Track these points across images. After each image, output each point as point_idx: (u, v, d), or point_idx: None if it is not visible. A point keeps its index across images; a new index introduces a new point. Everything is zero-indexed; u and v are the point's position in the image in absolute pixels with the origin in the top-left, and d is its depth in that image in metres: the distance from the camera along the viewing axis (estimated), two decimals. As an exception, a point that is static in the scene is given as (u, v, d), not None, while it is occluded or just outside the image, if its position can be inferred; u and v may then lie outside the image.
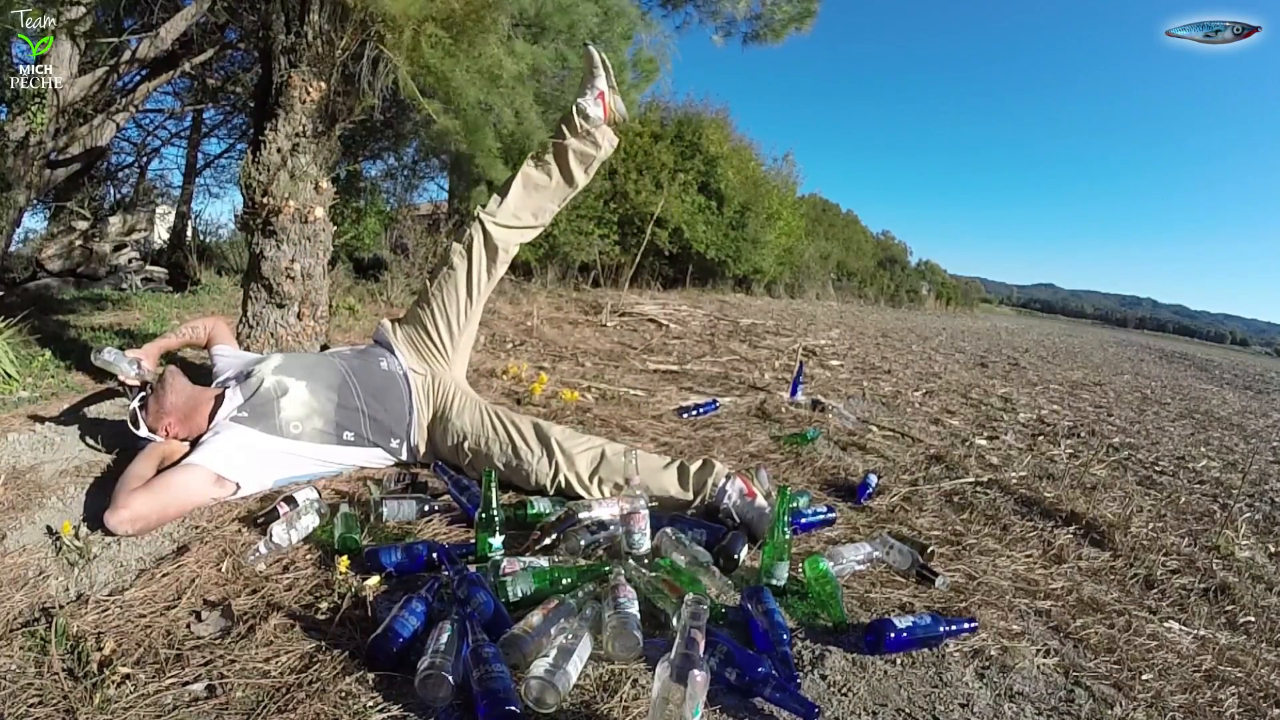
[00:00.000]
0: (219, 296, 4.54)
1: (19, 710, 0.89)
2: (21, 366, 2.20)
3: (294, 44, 2.12)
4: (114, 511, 1.32)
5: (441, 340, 1.89)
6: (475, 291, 1.90)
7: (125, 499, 1.34)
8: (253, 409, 1.61)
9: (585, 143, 1.91)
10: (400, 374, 1.83)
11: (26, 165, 2.99)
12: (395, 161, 6.69)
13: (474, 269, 1.88)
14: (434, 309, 1.89)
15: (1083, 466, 2.76)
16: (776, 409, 2.90)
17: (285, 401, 1.63)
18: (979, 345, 8.52)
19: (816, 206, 14.70)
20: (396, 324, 1.95)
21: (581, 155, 1.92)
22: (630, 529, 1.39)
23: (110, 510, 1.32)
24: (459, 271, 1.88)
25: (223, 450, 1.52)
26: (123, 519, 1.31)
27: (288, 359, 1.76)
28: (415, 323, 1.91)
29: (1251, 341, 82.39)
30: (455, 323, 1.90)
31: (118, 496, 1.36)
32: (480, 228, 1.87)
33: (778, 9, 3.47)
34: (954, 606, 1.39)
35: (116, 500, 1.35)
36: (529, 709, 0.94)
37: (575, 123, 1.90)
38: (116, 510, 1.32)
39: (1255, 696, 1.25)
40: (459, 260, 1.88)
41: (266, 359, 1.75)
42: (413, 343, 1.90)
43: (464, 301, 1.89)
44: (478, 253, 1.88)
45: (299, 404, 1.64)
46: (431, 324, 1.88)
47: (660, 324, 5.22)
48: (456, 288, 1.88)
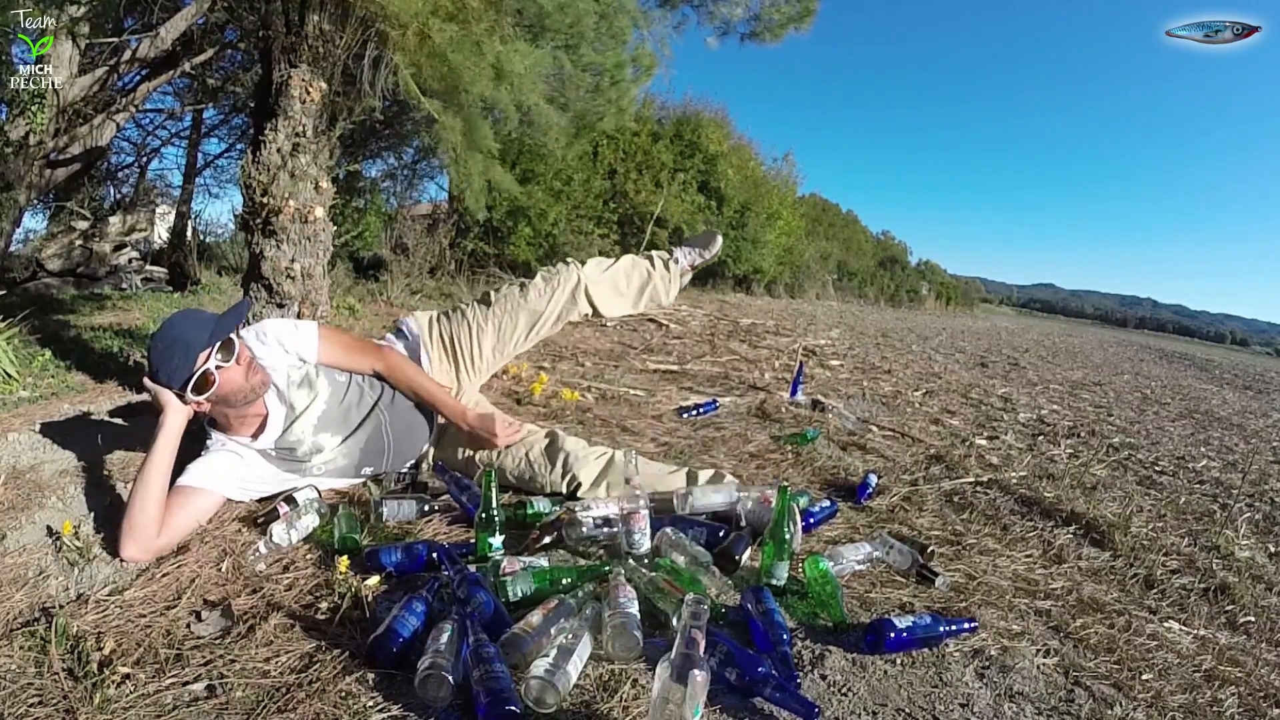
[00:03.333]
0: (219, 296, 4.54)
1: (19, 710, 0.89)
2: (21, 366, 2.21)
3: (294, 44, 2.12)
4: (129, 547, 1.26)
5: (480, 358, 1.87)
6: (535, 331, 1.90)
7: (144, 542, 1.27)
8: (280, 453, 1.53)
9: (666, 284, 2.04)
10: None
11: (26, 165, 2.99)
12: (395, 161, 6.69)
13: (548, 310, 1.87)
14: (488, 327, 1.85)
15: (1083, 466, 2.76)
16: (776, 409, 2.90)
17: (317, 458, 1.58)
18: (979, 345, 8.52)
19: (816, 206, 14.70)
20: (434, 322, 1.89)
21: (653, 294, 2.03)
22: (630, 529, 1.39)
23: (128, 544, 1.26)
24: (532, 304, 1.86)
25: (241, 478, 1.48)
26: (135, 556, 1.26)
27: (329, 409, 1.59)
28: (459, 331, 1.86)
29: (1251, 341, 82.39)
30: (501, 349, 1.89)
31: (135, 532, 1.27)
32: (576, 275, 1.89)
33: (776, 9, 3.47)
34: (954, 606, 1.39)
35: (135, 536, 1.27)
36: (529, 709, 0.94)
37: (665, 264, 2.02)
38: (132, 547, 1.26)
39: (1255, 696, 1.25)
40: (537, 294, 1.86)
41: (310, 406, 1.57)
42: (447, 349, 1.86)
43: (521, 334, 1.89)
44: (561, 297, 1.87)
45: (329, 454, 1.60)
46: (476, 340, 1.85)
47: (660, 324, 5.22)
48: (521, 317, 1.87)
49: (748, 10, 3.43)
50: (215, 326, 1.39)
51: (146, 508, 1.27)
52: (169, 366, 1.35)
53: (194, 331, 1.37)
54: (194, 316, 1.42)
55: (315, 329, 1.62)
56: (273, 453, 1.53)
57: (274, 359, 1.55)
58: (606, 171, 7.67)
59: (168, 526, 1.30)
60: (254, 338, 1.54)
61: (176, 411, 1.37)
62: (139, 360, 2.54)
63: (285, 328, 1.59)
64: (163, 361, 1.36)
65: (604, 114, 3.45)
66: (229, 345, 1.39)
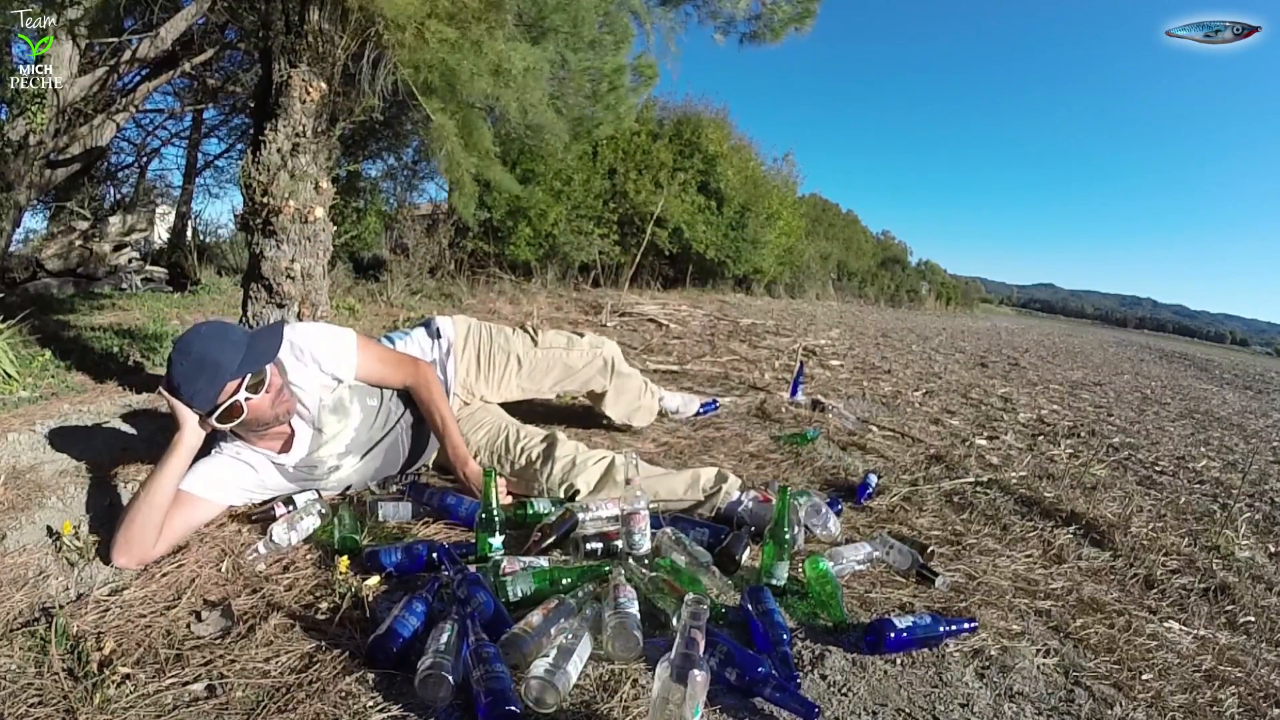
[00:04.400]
0: (219, 296, 4.54)
1: (19, 710, 0.89)
2: (21, 366, 2.21)
3: (294, 44, 2.12)
4: (122, 557, 1.24)
5: (505, 384, 1.92)
6: (559, 384, 2.05)
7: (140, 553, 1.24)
8: (298, 470, 1.51)
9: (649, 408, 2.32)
10: None
11: (26, 165, 2.99)
12: (395, 161, 6.70)
13: (583, 371, 2.05)
14: (525, 363, 1.93)
15: (1083, 466, 2.76)
16: (776, 409, 2.90)
17: (334, 475, 1.57)
18: (979, 345, 8.52)
19: (816, 206, 14.69)
20: (471, 332, 1.90)
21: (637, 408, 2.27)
22: (630, 529, 1.39)
23: (121, 554, 1.24)
24: (572, 360, 2.01)
25: (247, 486, 1.46)
26: (128, 565, 1.24)
27: (358, 435, 1.56)
28: (497, 353, 1.90)
29: (1251, 341, 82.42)
30: (525, 388, 1.98)
31: (132, 545, 1.24)
32: (614, 351, 2.12)
33: (777, 9, 3.46)
34: (954, 606, 1.39)
35: (131, 549, 1.24)
36: (529, 709, 0.94)
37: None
38: (125, 557, 1.24)
39: (1255, 696, 1.25)
40: (579, 354, 2.02)
41: (340, 432, 1.54)
42: (478, 362, 1.88)
43: (549, 382, 2.02)
44: (596, 364, 2.06)
45: (345, 474, 1.59)
46: (510, 369, 1.91)
47: (660, 324, 5.22)
48: (557, 368, 2.00)
49: (748, 10, 3.42)
50: (247, 353, 1.30)
51: (148, 523, 1.24)
52: (192, 387, 1.27)
53: (225, 354, 1.28)
54: (224, 334, 1.32)
55: (354, 340, 1.54)
56: (290, 469, 1.49)
57: (308, 380, 1.47)
58: (606, 171, 7.66)
59: (165, 537, 1.28)
60: (291, 355, 1.45)
61: (193, 433, 1.30)
62: (139, 360, 2.54)
63: (323, 340, 1.50)
64: (186, 380, 1.27)
65: (602, 120, 3.45)
66: (260, 374, 1.33)
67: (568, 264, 7.36)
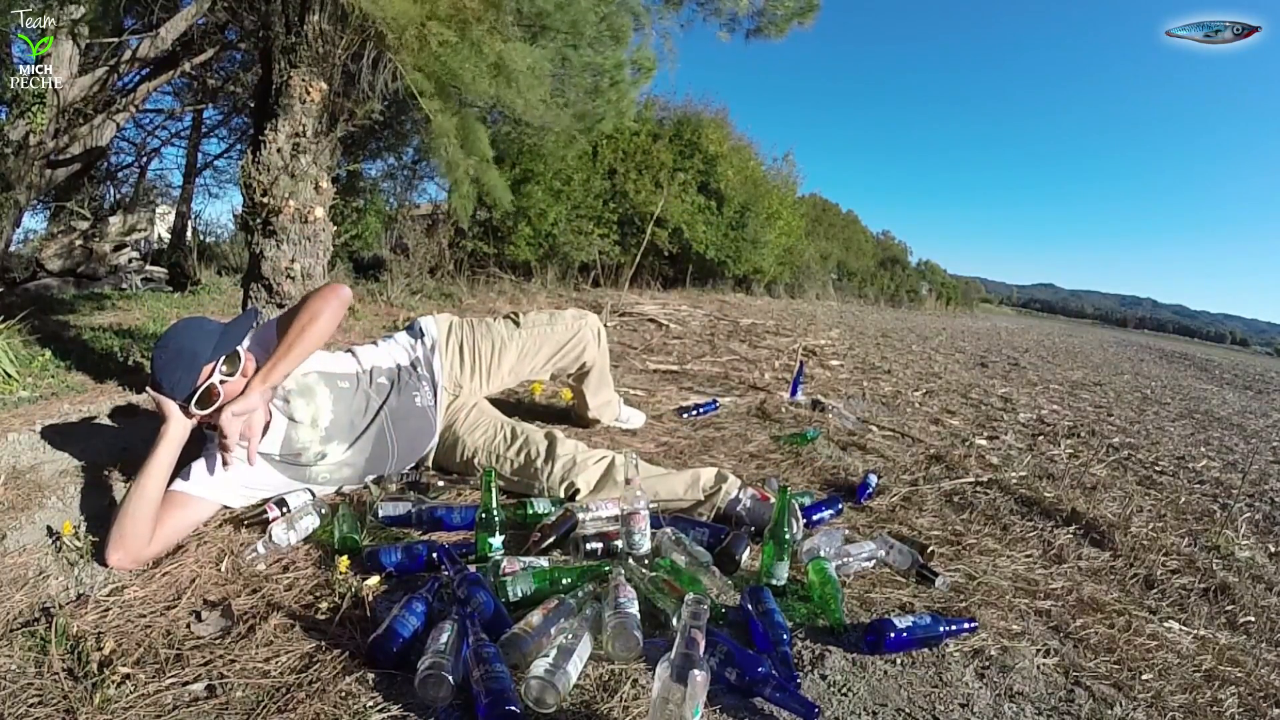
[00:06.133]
0: (219, 296, 4.54)
1: (19, 710, 0.89)
2: (21, 366, 2.21)
3: (294, 44, 2.12)
4: (116, 554, 1.24)
5: (497, 371, 1.91)
6: (552, 362, 2.03)
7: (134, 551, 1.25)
8: (285, 459, 1.52)
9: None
10: (431, 405, 1.76)
11: (26, 165, 2.99)
12: (395, 161, 6.70)
13: (571, 343, 2.03)
14: (512, 345, 1.91)
15: (1083, 466, 2.76)
16: (776, 409, 2.90)
17: (322, 464, 1.57)
18: (979, 345, 8.52)
19: (816, 206, 14.69)
20: (455, 327, 1.89)
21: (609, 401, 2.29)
22: (630, 529, 1.39)
23: (115, 551, 1.23)
24: (558, 335, 2.00)
25: (243, 484, 1.46)
26: (122, 564, 1.24)
27: (336, 418, 1.57)
28: (482, 342, 1.88)
29: (1251, 341, 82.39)
30: (518, 370, 1.97)
31: (125, 540, 1.24)
32: (598, 325, 2.11)
33: (780, 4, 3.47)
34: (954, 606, 1.39)
35: (125, 545, 1.24)
36: (529, 709, 0.94)
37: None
38: (120, 554, 1.24)
39: (1255, 696, 1.25)
40: (564, 327, 2.00)
41: (314, 415, 1.55)
42: (464, 356, 1.87)
43: (541, 360, 2.00)
44: (587, 334, 2.05)
45: (334, 463, 1.58)
46: (498, 354, 1.90)
47: (660, 324, 5.22)
48: (545, 346, 1.99)
49: (752, 5, 3.43)
50: (220, 338, 1.37)
51: (140, 518, 1.25)
52: (172, 377, 1.33)
53: (199, 342, 1.35)
54: (199, 326, 1.39)
55: (272, 319, 1.57)
56: (277, 458, 1.51)
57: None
58: (606, 171, 7.66)
59: (160, 536, 1.29)
60: (260, 345, 1.49)
61: (178, 423, 1.34)
62: (139, 360, 2.54)
63: (265, 327, 1.54)
64: (165, 371, 1.33)
65: (603, 115, 3.46)
66: (234, 357, 1.38)
67: (568, 264, 7.36)
